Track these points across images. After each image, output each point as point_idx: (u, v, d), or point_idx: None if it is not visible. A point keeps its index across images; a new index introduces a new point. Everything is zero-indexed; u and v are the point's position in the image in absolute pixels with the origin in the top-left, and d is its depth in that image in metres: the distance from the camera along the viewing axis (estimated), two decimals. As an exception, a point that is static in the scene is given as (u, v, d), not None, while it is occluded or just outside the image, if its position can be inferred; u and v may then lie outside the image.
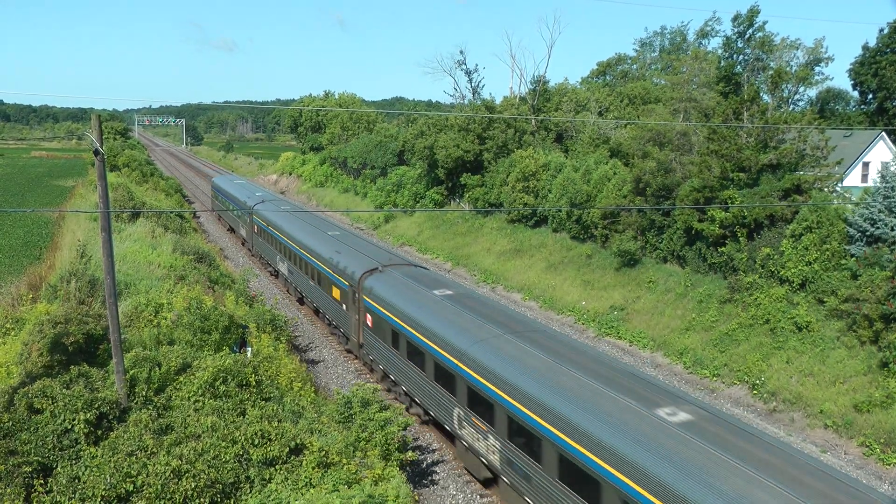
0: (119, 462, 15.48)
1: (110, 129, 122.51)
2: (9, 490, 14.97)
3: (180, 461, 15.60)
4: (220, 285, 34.26)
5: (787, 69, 46.76)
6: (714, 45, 74.69)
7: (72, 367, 18.89)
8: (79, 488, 14.97)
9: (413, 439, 22.80)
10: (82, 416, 16.57)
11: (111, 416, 17.25)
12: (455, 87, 72.72)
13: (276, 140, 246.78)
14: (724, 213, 32.54)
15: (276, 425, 17.32)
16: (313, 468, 16.40)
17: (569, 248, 43.78)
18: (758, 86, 42.42)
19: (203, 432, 16.97)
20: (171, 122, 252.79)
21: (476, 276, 46.47)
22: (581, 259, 41.95)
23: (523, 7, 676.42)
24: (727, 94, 45.01)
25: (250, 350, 24.15)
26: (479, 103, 65.66)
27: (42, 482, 15.21)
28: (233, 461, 16.17)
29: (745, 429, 14.43)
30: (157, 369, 19.38)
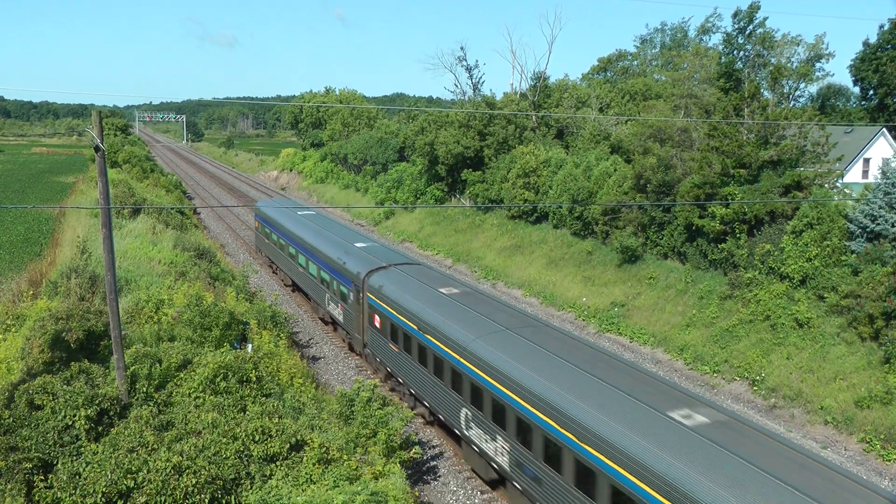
0: (120, 458, 15.49)
1: (111, 125, 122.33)
2: (9, 486, 15.00)
3: (181, 457, 15.60)
4: (221, 281, 34.26)
5: (788, 65, 46.69)
6: (715, 41, 74.59)
7: (72, 363, 18.92)
8: (79, 484, 14.98)
9: (414, 433, 22.85)
10: (83, 413, 16.58)
11: (112, 413, 17.27)
12: (456, 84, 72.57)
13: (277, 136, 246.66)
14: (724, 209, 32.52)
15: (276, 421, 17.33)
16: (314, 464, 16.40)
17: (569, 245, 43.77)
18: (758, 82, 42.33)
19: (204, 428, 16.98)
20: (172, 119, 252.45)
21: (477, 272, 46.47)
22: (582, 255, 41.94)
23: (524, 3, 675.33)
24: (728, 91, 44.90)
25: (251, 346, 24.17)
26: (479, 100, 65.61)
27: (43, 478, 15.22)
28: (233, 457, 16.18)
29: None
30: (158, 366, 19.39)
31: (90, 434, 16.57)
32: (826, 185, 32.97)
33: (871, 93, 59.42)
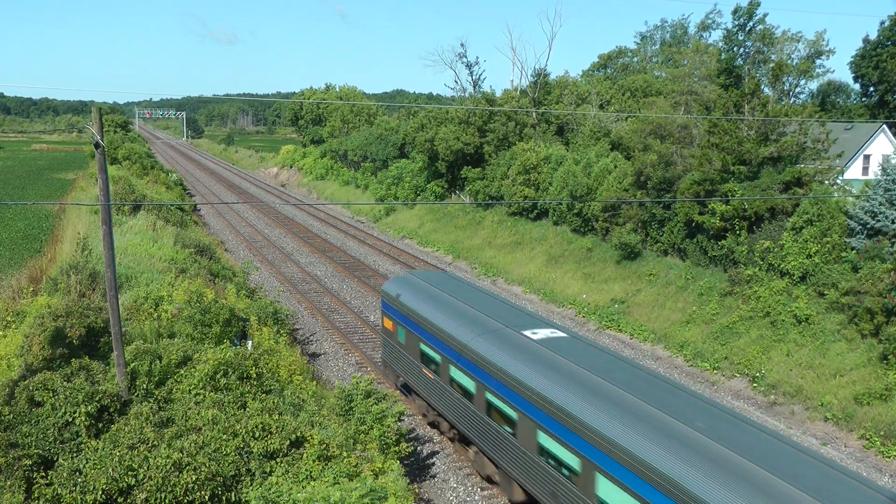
0: (120, 455, 15.49)
1: (111, 121, 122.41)
2: (10, 483, 15.02)
3: (181, 454, 15.61)
4: (221, 278, 34.28)
5: (788, 62, 46.70)
6: (715, 37, 74.61)
7: (73, 359, 18.92)
8: (80, 481, 14.99)
9: (410, 430, 22.86)
10: (83, 409, 16.58)
11: (112, 409, 17.27)
12: (456, 80, 72.75)
13: (277, 133, 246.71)
14: (724, 206, 32.51)
15: (276, 418, 17.34)
16: (314, 461, 16.42)
17: (569, 241, 43.77)
18: (759, 78, 42.35)
19: (204, 425, 16.99)
20: (172, 115, 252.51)
21: (477, 269, 46.48)
22: (582, 252, 41.95)
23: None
24: (728, 87, 44.95)
25: (251, 343, 24.18)
26: (479, 96, 65.58)
27: (43, 475, 15.23)
28: (234, 454, 16.19)
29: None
30: (158, 362, 19.39)
31: (90, 431, 16.57)
32: (826, 182, 32.96)
33: (872, 89, 59.44)
